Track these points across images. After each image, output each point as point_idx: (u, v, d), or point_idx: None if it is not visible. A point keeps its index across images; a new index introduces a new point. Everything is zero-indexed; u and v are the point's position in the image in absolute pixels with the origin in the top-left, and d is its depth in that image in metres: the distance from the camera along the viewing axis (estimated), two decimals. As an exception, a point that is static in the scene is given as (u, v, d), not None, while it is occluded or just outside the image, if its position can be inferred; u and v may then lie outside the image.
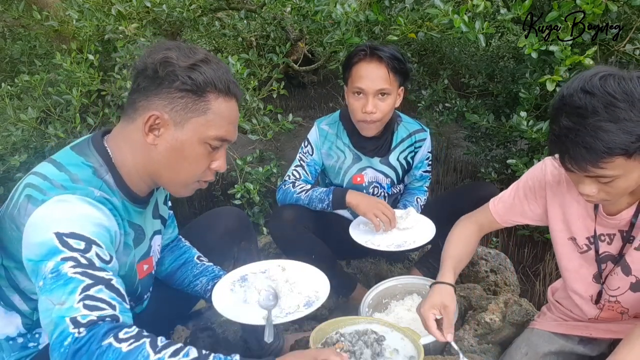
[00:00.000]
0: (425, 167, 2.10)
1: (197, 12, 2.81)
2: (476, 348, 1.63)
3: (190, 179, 1.17)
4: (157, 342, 0.89)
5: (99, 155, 1.12)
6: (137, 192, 1.19)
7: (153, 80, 1.09)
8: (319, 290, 1.37)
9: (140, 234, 1.24)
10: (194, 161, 1.13)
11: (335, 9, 2.12)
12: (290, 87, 6.13)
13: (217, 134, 1.13)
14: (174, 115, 1.09)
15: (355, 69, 1.81)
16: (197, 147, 1.12)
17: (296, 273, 1.46)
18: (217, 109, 1.11)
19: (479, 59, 3.69)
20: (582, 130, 1.04)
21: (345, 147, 2.00)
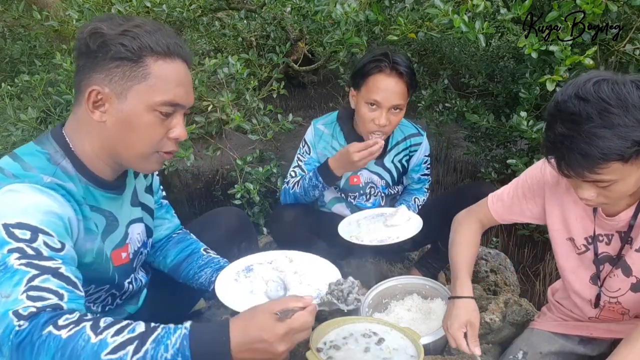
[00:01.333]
0: (423, 171, 2.10)
1: (197, 12, 2.81)
2: (476, 348, 1.63)
3: (147, 150, 1.11)
4: (99, 323, 0.86)
5: (56, 143, 1.10)
6: (103, 176, 1.15)
7: (88, 56, 1.05)
8: (327, 281, 1.32)
9: (113, 220, 1.20)
10: (145, 131, 1.08)
11: (335, 9, 2.12)
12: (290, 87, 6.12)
13: (164, 98, 1.06)
14: (114, 87, 1.04)
15: (373, 80, 1.77)
16: (146, 117, 1.06)
17: (305, 264, 1.42)
18: (158, 72, 1.05)
19: (479, 59, 3.69)
20: (577, 137, 1.04)
21: (341, 147, 2.00)
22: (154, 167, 1.16)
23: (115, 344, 0.84)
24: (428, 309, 1.73)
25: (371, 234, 1.80)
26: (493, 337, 1.67)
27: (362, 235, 1.80)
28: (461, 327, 1.40)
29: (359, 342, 1.32)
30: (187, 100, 1.12)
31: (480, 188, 1.99)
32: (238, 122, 2.37)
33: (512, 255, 2.62)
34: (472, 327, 1.40)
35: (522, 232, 2.79)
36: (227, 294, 1.29)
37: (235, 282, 1.35)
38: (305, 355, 1.23)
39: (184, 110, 1.13)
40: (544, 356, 1.49)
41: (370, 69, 1.77)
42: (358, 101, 1.86)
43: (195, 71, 2.37)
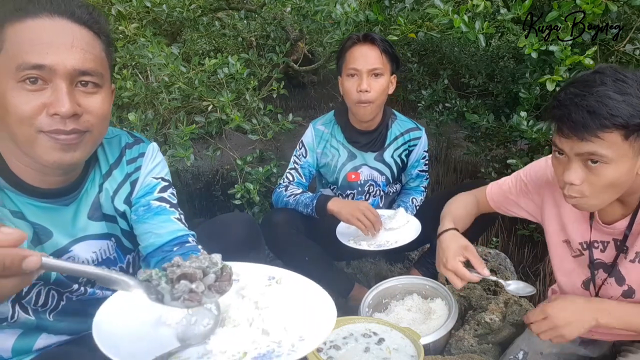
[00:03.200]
0: (422, 167, 2.10)
1: (197, 12, 2.81)
2: (476, 348, 1.63)
3: (24, 131, 0.91)
4: None
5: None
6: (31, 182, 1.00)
7: None
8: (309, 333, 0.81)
9: (43, 235, 1.03)
10: (15, 108, 0.89)
11: (335, 9, 2.12)
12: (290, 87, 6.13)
13: (18, 62, 0.88)
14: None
15: (348, 53, 1.86)
16: (12, 91, 0.89)
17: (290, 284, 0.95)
18: (12, 37, 0.89)
19: (479, 59, 3.69)
20: (588, 96, 1.05)
21: (340, 144, 2.01)
22: (51, 154, 0.93)
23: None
24: (428, 309, 1.73)
25: (369, 238, 1.80)
26: (493, 337, 1.67)
27: (360, 239, 1.80)
28: (456, 256, 1.31)
29: (359, 342, 1.32)
30: (55, 60, 0.89)
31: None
32: (238, 122, 2.37)
33: (512, 255, 2.62)
34: (469, 250, 1.33)
35: (522, 232, 2.79)
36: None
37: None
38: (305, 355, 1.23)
39: (63, 78, 0.91)
40: (544, 357, 1.49)
41: (345, 46, 1.88)
42: (342, 81, 1.91)
43: (195, 71, 2.36)
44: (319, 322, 0.79)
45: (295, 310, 0.83)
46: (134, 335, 0.77)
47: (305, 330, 0.79)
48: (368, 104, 1.85)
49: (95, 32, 0.97)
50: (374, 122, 1.97)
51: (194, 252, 1.18)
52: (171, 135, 2.34)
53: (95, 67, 0.96)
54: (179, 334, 0.77)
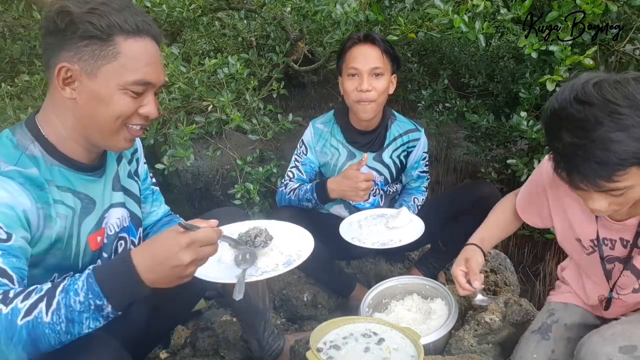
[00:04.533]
0: (422, 168, 2.10)
1: (197, 12, 2.81)
2: (476, 348, 1.63)
3: (117, 126, 1.10)
4: (8, 294, 0.88)
5: (27, 128, 1.10)
6: (78, 158, 1.15)
7: (56, 35, 1.04)
8: (301, 249, 1.33)
9: (88, 203, 1.18)
10: (116, 109, 1.08)
11: (335, 9, 2.12)
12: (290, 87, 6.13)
13: (135, 78, 1.06)
14: (83, 65, 1.04)
15: (349, 53, 1.86)
16: (117, 95, 1.07)
17: (280, 232, 1.41)
18: (128, 51, 1.05)
19: (479, 59, 3.69)
20: (590, 145, 0.97)
21: (339, 143, 2.01)
22: (124, 144, 1.15)
23: (26, 307, 0.87)
24: (428, 309, 1.73)
25: (373, 236, 1.79)
26: (493, 337, 1.67)
27: (364, 237, 1.79)
28: (459, 266, 1.45)
29: (359, 342, 1.32)
30: (158, 78, 1.11)
31: (480, 188, 2.00)
32: (238, 122, 2.37)
33: (512, 255, 2.62)
34: (469, 264, 1.43)
35: (522, 232, 2.79)
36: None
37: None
38: (305, 355, 1.23)
39: (155, 89, 1.13)
40: (568, 328, 1.46)
41: (346, 46, 1.88)
42: (343, 82, 1.90)
43: (195, 71, 2.36)
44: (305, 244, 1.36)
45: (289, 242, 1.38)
46: (210, 268, 1.22)
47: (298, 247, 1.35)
48: (369, 103, 1.85)
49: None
50: (374, 122, 1.97)
51: (177, 220, 1.49)
52: (171, 135, 2.34)
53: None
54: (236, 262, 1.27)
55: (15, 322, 0.85)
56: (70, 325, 0.88)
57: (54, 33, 1.04)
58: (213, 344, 1.84)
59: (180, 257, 0.93)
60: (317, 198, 1.87)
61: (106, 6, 1.04)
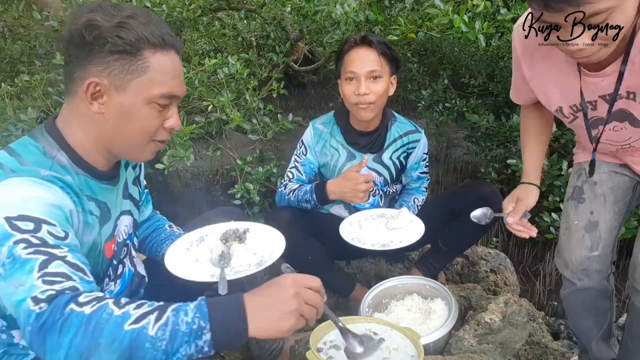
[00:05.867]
0: (422, 169, 2.10)
1: (197, 12, 2.81)
2: (476, 348, 1.63)
3: (144, 141, 1.13)
4: (120, 300, 0.88)
5: (50, 136, 1.10)
6: (98, 167, 1.16)
7: (82, 47, 1.03)
8: (274, 250, 1.38)
9: (106, 212, 1.20)
10: (144, 123, 1.10)
11: (335, 9, 2.12)
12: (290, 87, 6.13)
13: (163, 91, 1.08)
14: (112, 79, 1.05)
15: (346, 57, 1.86)
16: (145, 109, 1.08)
17: (255, 234, 1.46)
18: (156, 65, 1.07)
19: (479, 59, 3.69)
20: None
21: (339, 144, 2.01)
22: (148, 156, 1.18)
23: (137, 314, 0.85)
24: (428, 309, 1.73)
25: (373, 237, 1.79)
26: (493, 337, 1.67)
27: (364, 238, 1.79)
28: (510, 201, 1.52)
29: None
30: (182, 90, 1.15)
31: (481, 187, 2.00)
32: (238, 122, 2.37)
33: (512, 255, 2.62)
34: (519, 201, 1.50)
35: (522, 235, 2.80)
36: (174, 262, 1.33)
37: (186, 251, 1.40)
38: (305, 355, 1.23)
39: (178, 102, 1.15)
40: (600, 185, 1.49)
41: (343, 50, 1.87)
42: (341, 85, 1.90)
43: (195, 71, 2.37)
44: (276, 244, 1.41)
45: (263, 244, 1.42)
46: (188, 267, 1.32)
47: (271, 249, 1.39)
48: (367, 105, 1.85)
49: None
50: (374, 123, 1.97)
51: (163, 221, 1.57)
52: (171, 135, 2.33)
53: None
54: (212, 262, 1.34)
55: (123, 326, 0.84)
56: (170, 345, 0.85)
57: (80, 46, 1.04)
58: (213, 344, 1.84)
59: (287, 289, 0.94)
60: (316, 199, 1.88)
61: (133, 20, 1.04)
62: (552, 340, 1.94)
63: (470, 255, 2.32)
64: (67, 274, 0.90)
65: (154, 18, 1.09)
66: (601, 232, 1.49)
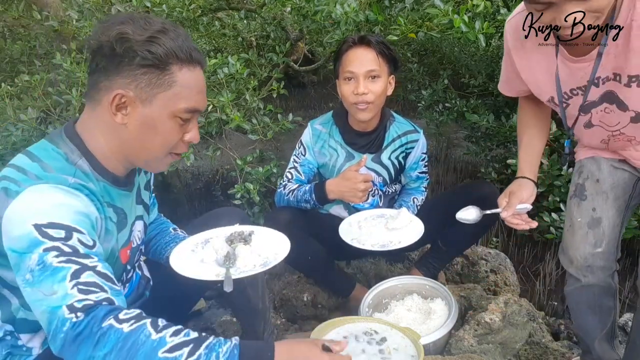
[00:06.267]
0: (421, 169, 2.10)
1: (197, 12, 2.81)
2: (476, 348, 1.63)
3: (163, 153, 1.15)
4: (157, 322, 0.89)
5: (71, 142, 1.11)
6: (117, 173, 1.18)
7: (112, 59, 1.05)
8: (278, 252, 1.39)
9: (123, 218, 1.22)
10: (165, 135, 1.11)
11: (335, 9, 2.12)
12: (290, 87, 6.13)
13: (187, 106, 1.10)
14: (139, 92, 1.06)
15: (344, 57, 1.85)
16: (168, 122, 1.10)
17: (260, 237, 1.47)
18: (182, 80, 1.08)
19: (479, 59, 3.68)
20: None
21: (338, 144, 2.01)
22: (165, 167, 1.21)
23: (172, 343, 0.87)
24: (428, 309, 1.73)
25: (373, 237, 1.79)
26: (493, 337, 1.67)
27: (364, 238, 1.79)
28: (504, 197, 1.52)
29: (359, 342, 1.32)
30: (204, 105, 1.16)
31: (481, 187, 2.00)
32: (238, 122, 2.37)
33: (512, 255, 2.62)
34: (512, 195, 1.50)
35: (522, 232, 2.80)
36: (180, 262, 1.34)
37: (191, 252, 1.41)
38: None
39: (198, 115, 1.17)
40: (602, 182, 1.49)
41: (341, 49, 1.87)
42: (340, 85, 1.90)
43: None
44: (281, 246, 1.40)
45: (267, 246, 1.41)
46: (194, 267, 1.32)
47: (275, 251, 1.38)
48: (366, 105, 1.85)
49: None
50: (372, 123, 1.97)
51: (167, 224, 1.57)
52: (171, 135, 2.33)
53: None
54: (218, 262, 1.34)
55: (158, 352, 0.85)
56: None
57: (109, 57, 1.04)
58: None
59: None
60: (316, 199, 1.88)
61: (164, 35, 1.05)
62: (552, 340, 1.94)
63: (470, 255, 2.32)
64: (99, 285, 0.91)
65: (182, 32, 1.10)
66: (604, 228, 1.50)
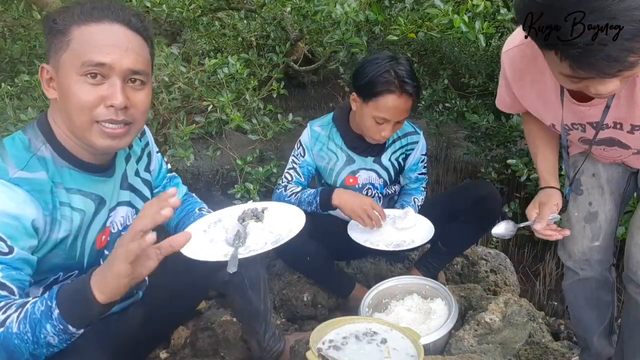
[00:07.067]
0: (421, 170, 2.10)
1: (197, 12, 2.81)
2: (476, 348, 1.63)
3: (83, 119, 1.06)
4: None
5: (38, 127, 1.12)
6: (87, 159, 1.15)
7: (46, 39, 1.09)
8: (292, 228, 1.33)
9: (100, 203, 1.20)
10: (76, 97, 1.05)
11: (335, 9, 2.12)
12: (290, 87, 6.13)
13: (83, 59, 1.04)
14: (53, 62, 1.07)
15: (383, 100, 1.76)
16: (75, 83, 1.05)
17: (274, 213, 1.43)
18: (79, 36, 1.05)
19: (479, 59, 3.68)
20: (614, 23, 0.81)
21: (338, 148, 2.00)
22: (101, 142, 1.09)
23: (2, 318, 0.91)
24: (428, 309, 1.73)
25: (385, 238, 1.79)
26: (493, 337, 1.67)
27: (376, 239, 1.79)
28: (533, 208, 1.48)
29: (359, 342, 1.32)
30: (114, 60, 1.05)
31: (480, 188, 2.00)
32: (238, 122, 2.37)
33: (512, 255, 2.62)
34: (542, 209, 1.46)
35: (522, 232, 2.79)
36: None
37: (203, 233, 1.38)
38: (305, 355, 1.23)
39: (118, 75, 1.06)
40: (597, 176, 1.50)
41: (381, 91, 1.76)
42: (364, 112, 1.83)
43: (195, 71, 2.37)
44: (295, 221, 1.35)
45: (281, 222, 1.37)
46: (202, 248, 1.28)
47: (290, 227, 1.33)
48: (384, 140, 1.90)
49: (144, 37, 1.13)
50: None
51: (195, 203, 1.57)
52: (171, 135, 2.34)
53: (144, 68, 1.12)
54: (228, 242, 1.31)
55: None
56: (33, 334, 0.90)
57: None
58: (213, 344, 1.84)
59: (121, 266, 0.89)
60: (319, 201, 1.88)
61: (77, 3, 1.07)
62: (552, 340, 1.94)
63: (470, 255, 2.32)
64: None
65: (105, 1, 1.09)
66: (601, 222, 1.51)
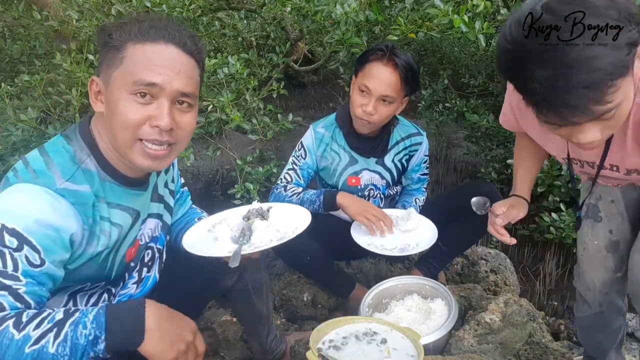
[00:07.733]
0: (423, 170, 2.10)
1: (197, 12, 2.81)
2: (476, 348, 1.63)
3: (127, 136, 1.06)
4: (21, 318, 0.89)
5: (82, 138, 1.11)
6: (126, 173, 1.15)
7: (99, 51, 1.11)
8: (297, 226, 1.34)
9: (136, 217, 1.21)
10: (123, 115, 1.04)
11: (335, 9, 2.12)
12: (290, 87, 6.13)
13: (135, 78, 1.03)
14: (103, 76, 1.07)
15: (369, 66, 1.79)
16: (124, 100, 1.04)
17: (279, 212, 1.44)
18: (133, 55, 1.05)
19: (479, 59, 3.69)
20: (570, 71, 0.84)
21: (341, 148, 2.00)
22: (142, 161, 1.09)
23: (36, 335, 0.88)
24: (428, 309, 1.73)
25: (389, 241, 1.78)
26: (493, 337, 1.67)
27: (379, 242, 1.78)
28: (503, 205, 1.49)
29: (359, 342, 1.32)
30: (165, 81, 1.05)
31: (480, 188, 2.00)
32: (238, 122, 2.37)
33: (512, 255, 2.62)
34: (512, 207, 1.48)
35: (522, 232, 2.79)
36: (192, 241, 1.32)
37: (207, 232, 1.39)
38: (305, 355, 1.23)
39: (167, 96, 1.06)
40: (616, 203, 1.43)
41: (370, 56, 1.80)
42: (353, 87, 1.88)
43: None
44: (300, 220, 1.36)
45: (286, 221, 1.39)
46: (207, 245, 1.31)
47: (295, 225, 1.35)
48: (368, 123, 1.84)
49: (197, 61, 1.13)
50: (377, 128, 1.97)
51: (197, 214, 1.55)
52: (171, 135, 2.33)
53: (193, 91, 1.12)
54: (232, 239, 1.32)
55: (24, 349, 0.86)
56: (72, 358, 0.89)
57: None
58: (213, 344, 1.84)
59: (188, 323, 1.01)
60: (323, 200, 1.88)
61: (134, 20, 1.07)
62: (552, 340, 1.94)
63: (470, 255, 2.32)
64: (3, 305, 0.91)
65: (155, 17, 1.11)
66: (623, 252, 1.41)
